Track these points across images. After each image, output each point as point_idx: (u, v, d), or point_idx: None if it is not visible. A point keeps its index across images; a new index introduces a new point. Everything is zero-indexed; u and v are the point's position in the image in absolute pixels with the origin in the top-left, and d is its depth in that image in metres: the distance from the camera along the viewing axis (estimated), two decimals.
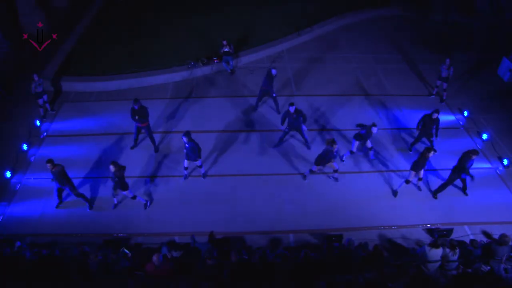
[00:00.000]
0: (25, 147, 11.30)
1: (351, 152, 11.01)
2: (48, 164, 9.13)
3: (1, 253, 8.15)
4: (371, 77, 14.97)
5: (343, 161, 11.24)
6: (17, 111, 12.80)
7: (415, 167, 9.88)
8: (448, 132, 12.30)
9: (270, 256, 8.11)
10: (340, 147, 11.39)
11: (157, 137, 11.76)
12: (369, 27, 18.41)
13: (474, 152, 9.57)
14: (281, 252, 8.35)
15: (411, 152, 11.59)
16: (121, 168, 9.12)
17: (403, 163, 11.23)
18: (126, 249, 8.45)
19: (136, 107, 10.60)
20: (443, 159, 11.33)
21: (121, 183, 9.25)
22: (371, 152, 11.23)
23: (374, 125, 10.31)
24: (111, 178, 9.26)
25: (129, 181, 10.50)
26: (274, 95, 12.48)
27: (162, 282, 7.39)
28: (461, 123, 12.79)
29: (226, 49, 14.27)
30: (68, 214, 9.69)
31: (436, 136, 11.10)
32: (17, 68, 14.97)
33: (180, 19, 17.90)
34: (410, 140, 11.93)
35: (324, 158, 9.80)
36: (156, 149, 11.48)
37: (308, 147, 11.61)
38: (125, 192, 9.50)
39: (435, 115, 10.72)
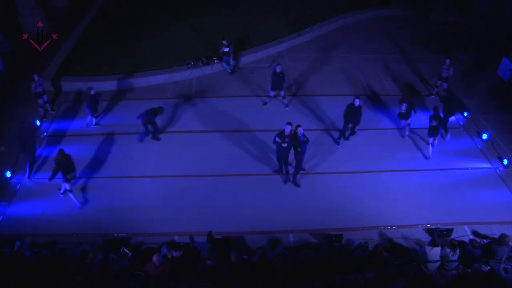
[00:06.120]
0: None
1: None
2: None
3: (1, 253, 8.15)
4: (371, 77, 14.97)
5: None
6: (17, 111, 12.80)
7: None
8: (448, 132, 12.29)
9: (270, 256, 8.11)
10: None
11: None
12: (369, 27, 18.43)
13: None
14: (281, 252, 8.35)
15: (338, 146, 11.74)
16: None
17: (404, 163, 11.24)
18: (126, 249, 8.45)
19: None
20: (444, 159, 11.34)
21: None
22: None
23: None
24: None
25: (129, 180, 10.55)
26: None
27: (162, 282, 7.40)
28: (461, 123, 12.79)
29: (226, 49, 14.28)
30: (68, 214, 9.68)
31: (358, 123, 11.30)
32: (17, 68, 14.98)
33: (180, 19, 17.92)
34: (410, 139, 11.97)
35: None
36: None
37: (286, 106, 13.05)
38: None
39: (357, 102, 10.91)
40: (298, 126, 9.74)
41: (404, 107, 11.66)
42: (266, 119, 12.72)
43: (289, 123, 9.72)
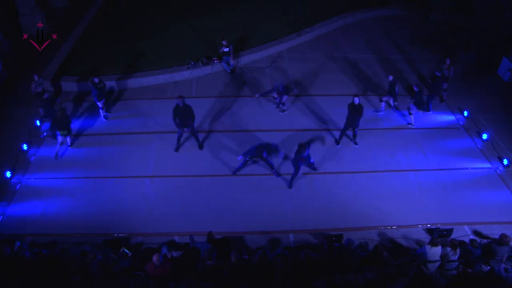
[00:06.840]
0: (25, 147, 11.29)
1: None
2: None
3: (1, 253, 8.15)
4: (371, 77, 14.96)
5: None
6: (17, 111, 12.81)
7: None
8: (448, 132, 12.31)
9: (270, 256, 8.12)
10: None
11: (155, 137, 11.80)
12: (369, 27, 18.41)
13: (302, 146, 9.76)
14: (281, 252, 8.35)
15: (338, 146, 11.74)
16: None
17: (404, 163, 11.24)
18: (126, 249, 8.45)
19: (180, 104, 10.63)
20: (444, 159, 11.35)
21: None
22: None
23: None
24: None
25: (129, 180, 10.53)
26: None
27: (162, 282, 7.40)
28: (461, 123, 12.78)
29: (226, 49, 14.27)
30: (68, 214, 9.68)
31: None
32: (17, 68, 14.97)
33: (180, 19, 17.91)
34: (410, 139, 11.97)
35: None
36: (200, 146, 11.58)
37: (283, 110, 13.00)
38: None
39: (356, 100, 10.93)
40: (304, 147, 9.72)
41: (390, 78, 12.38)
42: (266, 119, 12.72)
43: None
